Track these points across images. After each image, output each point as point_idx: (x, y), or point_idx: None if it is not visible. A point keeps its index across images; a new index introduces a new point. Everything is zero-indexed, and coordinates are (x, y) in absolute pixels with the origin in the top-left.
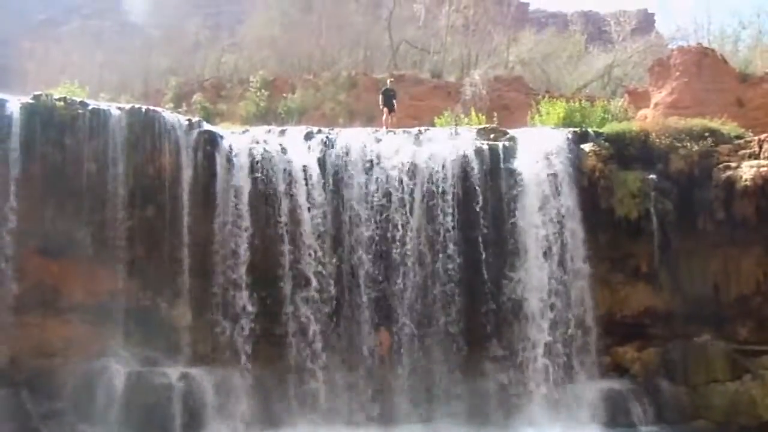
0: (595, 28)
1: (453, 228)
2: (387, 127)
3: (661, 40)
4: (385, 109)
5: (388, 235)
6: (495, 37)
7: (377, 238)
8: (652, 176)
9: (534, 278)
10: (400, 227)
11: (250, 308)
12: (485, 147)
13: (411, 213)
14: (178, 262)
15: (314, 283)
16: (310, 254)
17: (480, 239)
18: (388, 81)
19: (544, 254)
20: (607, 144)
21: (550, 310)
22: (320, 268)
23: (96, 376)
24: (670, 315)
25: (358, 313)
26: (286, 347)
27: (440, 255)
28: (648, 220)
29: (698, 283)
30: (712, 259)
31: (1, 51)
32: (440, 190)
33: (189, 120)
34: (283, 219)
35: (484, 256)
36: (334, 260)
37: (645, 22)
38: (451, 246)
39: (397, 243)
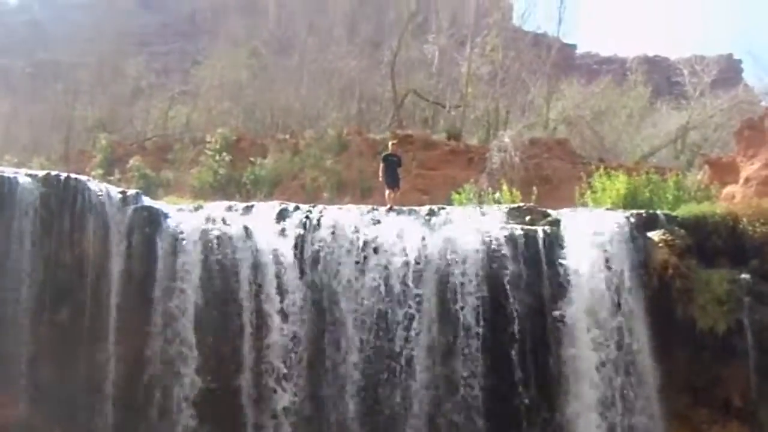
0: (664, 79)
1: (476, 343)
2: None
3: (751, 95)
4: (388, 189)
5: (388, 352)
6: (531, 89)
7: (372, 356)
8: (746, 276)
9: (589, 417)
10: (403, 342)
11: None
12: (519, 233)
13: (419, 322)
14: (100, 390)
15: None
16: (278, 380)
17: (513, 361)
18: (390, 144)
19: (602, 383)
20: (683, 232)
21: None
22: (294, 398)
23: None
24: None
25: None
26: None
27: (459, 381)
28: (741, 336)
29: None
30: None
31: None
32: (459, 291)
33: (123, 192)
34: (246, 330)
35: (519, 387)
36: (311, 387)
37: (729, 71)
38: (472, 368)
39: (401, 365)
